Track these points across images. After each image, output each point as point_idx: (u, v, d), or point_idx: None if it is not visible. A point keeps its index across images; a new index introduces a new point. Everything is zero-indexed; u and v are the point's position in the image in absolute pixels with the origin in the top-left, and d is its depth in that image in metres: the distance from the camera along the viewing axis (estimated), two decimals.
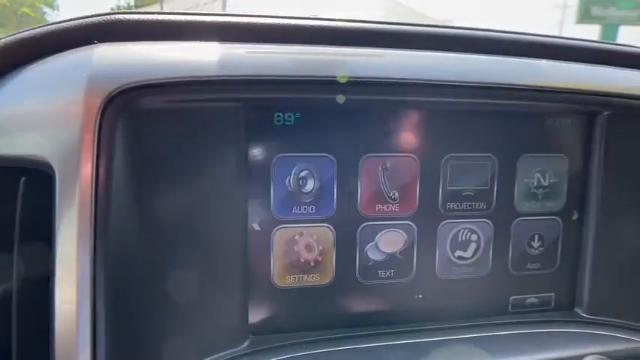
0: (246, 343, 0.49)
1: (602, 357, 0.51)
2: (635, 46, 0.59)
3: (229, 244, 0.47)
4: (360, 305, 0.53)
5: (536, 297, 0.58)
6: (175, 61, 0.43)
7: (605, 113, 0.54)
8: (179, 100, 0.43)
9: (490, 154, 0.53)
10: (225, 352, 0.47)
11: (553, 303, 0.58)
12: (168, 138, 0.44)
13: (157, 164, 0.44)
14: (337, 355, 0.49)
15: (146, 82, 0.41)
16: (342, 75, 0.45)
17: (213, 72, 0.43)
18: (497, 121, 0.53)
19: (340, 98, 0.47)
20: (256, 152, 0.48)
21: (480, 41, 0.54)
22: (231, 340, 0.48)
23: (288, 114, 0.48)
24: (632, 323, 0.57)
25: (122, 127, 0.41)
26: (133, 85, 0.41)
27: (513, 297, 0.57)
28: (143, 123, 0.43)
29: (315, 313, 0.52)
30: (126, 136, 0.42)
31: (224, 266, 0.47)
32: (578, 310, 0.58)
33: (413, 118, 0.51)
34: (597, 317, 0.57)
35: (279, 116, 0.48)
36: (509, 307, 0.57)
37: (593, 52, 0.57)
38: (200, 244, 0.46)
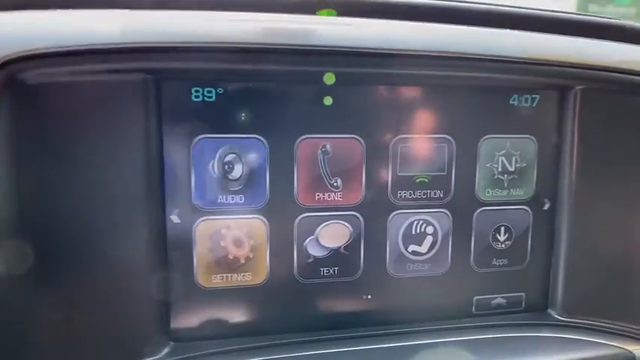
0: (165, 351, 0.43)
1: None
2: (609, 17, 0.53)
3: (143, 238, 0.41)
4: (298, 308, 0.46)
5: (503, 297, 0.51)
6: (64, 28, 0.37)
7: (579, 88, 0.48)
8: (72, 72, 0.37)
9: (447, 136, 0.47)
10: None
11: (523, 304, 0.52)
12: (63, 117, 0.38)
13: (51, 147, 0.38)
14: None
15: (31, 53, 0.36)
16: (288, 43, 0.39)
17: (108, 39, 0.37)
18: (454, 98, 0.47)
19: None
20: (172, 133, 0.42)
21: (443, 10, 0.48)
22: (147, 348, 0.42)
23: (208, 89, 0.42)
24: (609, 325, 0.50)
25: (7, 104, 0.36)
26: (15, 56, 0.35)
27: (477, 297, 0.51)
28: (32, 99, 0.37)
29: (246, 317, 0.45)
30: (11, 114, 0.36)
31: (137, 264, 0.41)
32: (551, 311, 0.51)
33: (356, 93, 0.45)
34: (572, 319, 0.50)
35: (197, 91, 0.42)
36: (473, 309, 0.50)
37: (565, 23, 0.51)
38: (104, 237, 0.40)
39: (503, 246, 0.50)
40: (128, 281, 0.41)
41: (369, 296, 0.48)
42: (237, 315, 0.45)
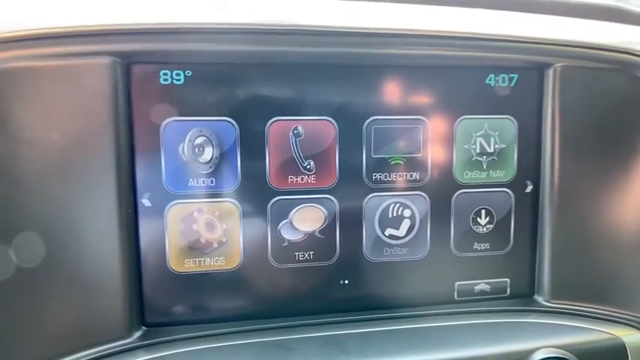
0: (136, 335, 0.42)
1: (557, 350, 0.43)
2: None
3: (114, 222, 0.41)
4: (273, 293, 0.46)
5: (487, 283, 0.50)
6: (28, 11, 0.38)
7: (558, 65, 0.47)
8: (34, 56, 0.38)
9: (421, 117, 0.47)
10: (112, 345, 0.41)
11: (509, 290, 0.50)
12: (30, 102, 0.38)
13: (18, 133, 0.38)
14: (244, 350, 0.43)
15: None
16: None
17: (75, 22, 0.37)
18: (429, 78, 0.46)
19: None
20: (141, 116, 0.42)
21: None
22: (118, 331, 0.42)
23: (177, 71, 0.42)
24: (598, 311, 0.48)
25: None
26: None
27: (459, 283, 0.49)
28: None
29: (219, 302, 0.45)
30: None
31: (108, 249, 0.41)
32: (538, 297, 0.50)
33: (328, 73, 0.44)
34: (559, 305, 0.49)
35: (165, 74, 0.42)
36: (455, 295, 0.49)
37: (544, 3, 0.51)
38: (74, 221, 0.40)
39: (484, 230, 0.49)
40: (99, 265, 0.41)
41: (346, 281, 0.47)
42: (210, 300, 0.45)
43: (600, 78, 0.47)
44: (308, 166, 0.45)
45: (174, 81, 0.42)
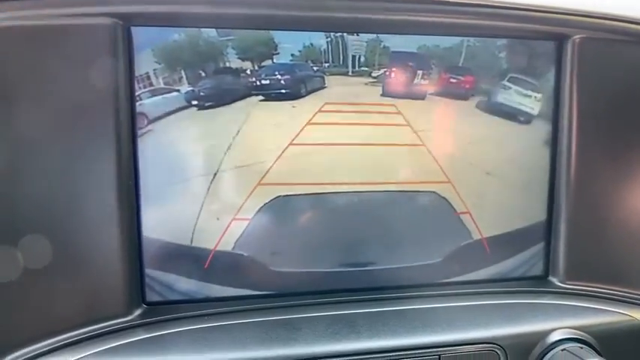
0: (137, 313, 0.40)
1: (574, 331, 0.42)
2: None
3: (113, 194, 0.39)
4: (276, 271, 0.44)
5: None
6: None
7: (577, 37, 0.45)
8: (33, 16, 0.36)
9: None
10: (112, 322, 0.39)
11: (523, 271, 0.49)
12: (28, 63, 0.36)
13: (16, 94, 0.36)
14: (249, 328, 0.41)
15: None
16: None
17: None
18: (447, 49, 0.45)
19: None
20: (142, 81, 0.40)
21: None
22: (119, 309, 0.40)
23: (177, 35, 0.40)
24: (613, 292, 0.47)
25: None
26: None
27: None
28: None
29: (221, 278, 0.42)
30: None
31: (107, 222, 0.39)
32: (552, 278, 0.48)
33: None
34: (574, 286, 0.47)
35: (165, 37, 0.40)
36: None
37: None
38: (74, 194, 0.38)
39: None
40: (99, 242, 0.39)
41: None
42: (210, 276, 0.43)
43: (619, 50, 0.45)
44: None
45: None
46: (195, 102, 0.41)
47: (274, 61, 0.42)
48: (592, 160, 0.46)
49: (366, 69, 0.43)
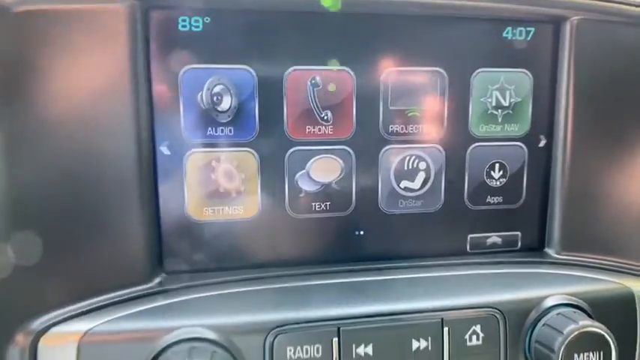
0: (156, 281, 0.43)
1: (568, 297, 0.44)
2: None
3: (133, 170, 0.41)
4: (290, 242, 0.46)
5: (499, 236, 0.51)
6: None
7: (575, 19, 0.47)
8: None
9: (439, 69, 0.47)
10: (132, 289, 0.41)
11: (519, 243, 0.51)
12: (47, 45, 0.38)
13: (35, 77, 0.38)
14: (263, 294, 0.43)
15: None
16: None
17: None
18: (447, 29, 0.46)
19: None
20: (160, 63, 0.41)
21: None
22: (138, 277, 0.42)
23: (195, 18, 0.42)
24: (607, 262, 0.49)
25: None
26: None
27: (472, 235, 0.50)
28: (15, 28, 0.37)
29: (237, 250, 0.45)
30: None
31: (128, 196, 0.41)
32: (548, 250, 0.51)
33: (346, 23, 0.44)
34: (569, 257, 0.50)
35: (184, 20, 0.41)
36: (468, 247, 0.50)
37: None
38: (95, 168, 0.40)
39: (497, 183, 0.50)
40: (120, 212, 0.41)
41: (362, 232, 0.48)
42: (228, 248, 0.45)
43: (617, 33, 0.47)
44: (325, 117, 0.45)
45: (193, 27, 0.42)
46: None
47: None
48: (588, 136, 0.48)
49: None
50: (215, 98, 0.43)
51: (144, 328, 0.39)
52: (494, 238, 0.51)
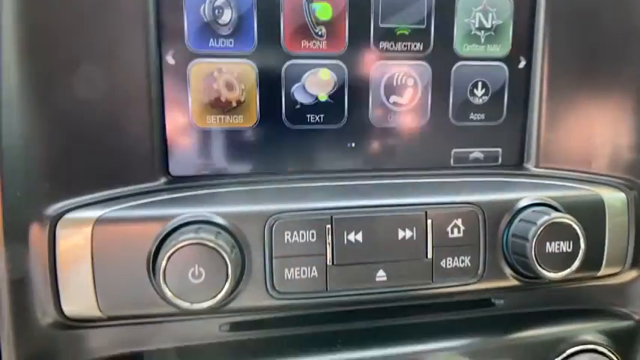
0: (162, 180, 0.46)
1: (541, 197, 0.48)
2: None
3: (142, 75, 0.44)
4: (287, 151, 0.50)
5: (481, 151, 0.54)
6: None
7: None
8: None
9: None
10: (140, 186, 0.45)
11: (500, 159, 0.55)
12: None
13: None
14: (261, 192, 0.47)
15: None
16: None
17: None
18: None
19: None
20: None
21: None
22: (145, 176, 0.45)
23: None
24: (582, 175, 0.53)
25: None
26: None
27: (456, 150, 0.54)
28: None
29: (238, 157, 0.49)
30: None
31: (137, 98, 0.44)
32: (527, 165, 0.54)
33: None
34: (547, 170, 0.53)
35: None
36: (452, 161, 0.54)
37: None
38: (106, 73, 0.43)
39: (480, 101, 0.53)
40: (129, 114, 0.44)
41: (353, 144, 0.51)
42: (229, 155, 0.49)
43: None
44: (319, 32, 0.49)
45: None
46: None
47: None
48: (565, 58, 0.52)
49: None
50: (216, 11, 0.46)
51: (153, 214, 0.42)
52: (476, 153, 0.54)
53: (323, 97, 0.49)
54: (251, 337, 0.47)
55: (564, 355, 0.49)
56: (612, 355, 0.50)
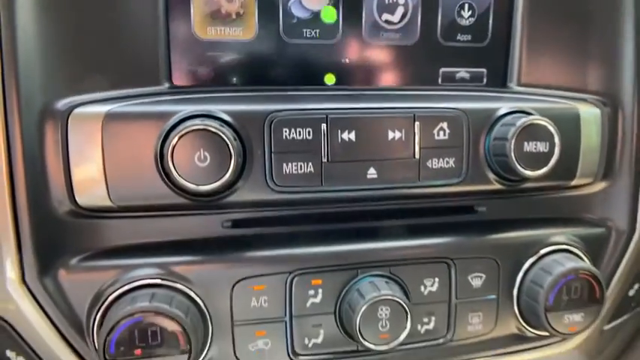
0: (166, 85, 0.49)
1: (519, 106, 0.52)
2: None
3: None
4: (283, 64, 0.52)
5: (467, 71, 0.58)
6: None
7: None
8: None
9: None
10: (145, 89, 0.47)
11: (485, 79, 0.58)
12: None
13: None
14: (261, 97, 0.49)
15: None
16: None
17: None
18: None
19: None
20: None
21: None
22: (149, 79, 0.48)
23: None
24: (562, 93, 0.57)
25: None
26: None
27: (444, 69, 0.57)
28: None
29: (237, 68, 0.51)
30: None
31: (143, 10, 0.47)
32: (510, 85, 0.58)
33: None
34: (529, 89, 0.57)
35: None
36: (439, 80, 0.57)
37: None
38: None
39: (467, 22, 0.56)
40: (136, 22, 0.47)
41: (347, 60, 0.54)
42: (228, 66, 0.51)
43: None
44: None
45: None
46: None
47: None
48: None
49: None
50: None
51: (159, 109, 0.45)
52: (462, 73, 0.58)
53: (321, 12, 0.52)
54: (251, 233, 0.50)
55: (540, 254, 0.54)
56: (583, 255, 0.54)
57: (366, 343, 0.47)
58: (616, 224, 0.58)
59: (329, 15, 0.52)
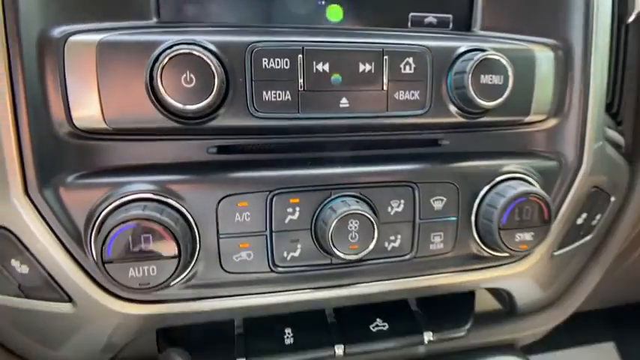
0: (154, 20, 0.52)
1: (480, 47, 0.57)
2: None
3: None
4: (264, 5, 0.56)
5: (434, 16, 0.62)
6: None
7: None
8: None
9: None
10: (135, 22, 0.51)
11: (451, 24, 0.63)
12: None
13: None
14: (238, 30, 0.53)
15: None
16: None
17: None
18: None
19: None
20: None
21: None
22: (140, 14, 0.51)
23: None
24: (521, 37, 0.62)
25: None
26: None
27: (413, 14, 0.62)
28: None
29: (221, 6, 0.55)
30: None
31: None
32: (474, 29, 0.63)
33: None
34: (492, 33, 0.62)
35: None
36: (409, 24, 0.62)
37: None
38: None
39: None
40: None
41: (322, 2, 0.58)
42: (212, 4, 0.55)
43: None
44: None
45: None
46: None
47: None
48: None
49: None
50: None
51: (149, 39, 0.49)
52: (430, 18, 0.62)
53: None
54: (235, 159, 0.55)
55: (496, 180, 0.60)
56: (535, 183, 0.61)
57: (338, 253, 0.53)
58: (566, 158, 0.65)
59: None
